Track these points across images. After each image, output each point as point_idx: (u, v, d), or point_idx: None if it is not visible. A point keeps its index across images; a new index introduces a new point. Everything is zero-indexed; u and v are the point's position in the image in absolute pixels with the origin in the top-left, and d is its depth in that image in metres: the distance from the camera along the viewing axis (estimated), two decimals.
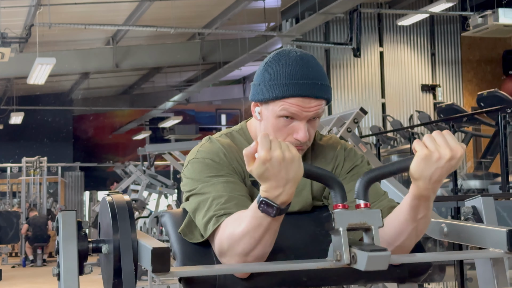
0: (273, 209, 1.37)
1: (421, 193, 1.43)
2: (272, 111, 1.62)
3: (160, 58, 13.39)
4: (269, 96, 1.61)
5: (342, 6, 9.38)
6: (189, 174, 1.66)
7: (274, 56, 1.65)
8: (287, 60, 1.61)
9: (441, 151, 1.38)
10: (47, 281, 9.91)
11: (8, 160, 16.55)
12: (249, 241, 1.44)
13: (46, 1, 9.31)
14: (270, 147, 1.32)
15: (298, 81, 1.58)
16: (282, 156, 1.32)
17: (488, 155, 7.47)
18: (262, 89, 1.63)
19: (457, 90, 12.62)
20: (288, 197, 1.37)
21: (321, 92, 1.61)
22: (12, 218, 10.54)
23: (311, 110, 1.60)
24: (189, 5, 10.91)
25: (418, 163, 1.39)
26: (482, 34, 9.67)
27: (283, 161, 1.32)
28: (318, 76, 1.61)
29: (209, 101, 20.45)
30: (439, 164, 1.38)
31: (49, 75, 10.74)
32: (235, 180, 1.63)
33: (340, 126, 4.86)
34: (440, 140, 1.40)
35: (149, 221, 9.86)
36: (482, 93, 7.20)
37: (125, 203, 1.50)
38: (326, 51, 11.72)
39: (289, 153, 1.33)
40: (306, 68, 1.60)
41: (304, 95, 1.58)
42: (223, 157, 1.66)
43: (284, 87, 1.59)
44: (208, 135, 1.76)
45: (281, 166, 1.32)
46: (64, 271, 1.41)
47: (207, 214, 1.57)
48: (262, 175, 1.34)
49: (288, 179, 1.34)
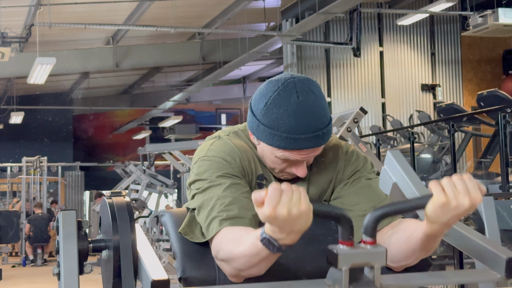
0: (274, 248, 1.34)
1: (435, 234, 1.40)
2: (271, 151, 1.62)
3: (160, 58, 13.40)
4: (268, 143, 1.61)
5: (342, 6, 9.38)
6: (197, 171, 1.65)
7: (275, 97, 1.59)
8: (288, 107, 1.57)
9: (460, 199, 1.29)
10: (47, 280, 9.91)
11: (8, 159, 16.54)
12: (245, 264, 1.45)
13: (46, 1, 9.31)
14: (279, 201, 1.24)
15: (300, 136, 1.56)
16: (288, 214, 1.24)
17: (488, 155, 7.47)
18: (261, 131, 1.61)
19: (457, 89, 12.62)
20: (291, 242, 1.34)
21: (322, 141, 1.61)
22: (12, 217, 10.55)
23: (311, 155, 1.62)
24: (189, 5, 10.91)
25: (435, 209, 1.31)
26: (482, 34, 9.67)
27: (288, 218, 1.26)
28: (319, 124, 1.58)
29: (209, 101, 20.45)
30: (456, 212, 1.30)
31: (49, 75, 10.74)
32: (242, 182, 1.63)
33: (340, 125, 4.86)
34: (460, 186, 1.30)
35: (149, 221, 9.86)
36: (482, 92, 7.20)
37: (125, 204, 1.50)
38: (326, 51, 11.72)
39: (297, 209, 1.25)
40: (308, 119, 1.57)
41: (305, 148, 1.59)
42: (235, 157, 1.65)
43: (285, 140, 1.57)
44: (217, 134, 1.74)
45: (287, 223, 1.27)
46: (64, 270, 1.42)
47: (210, 214, 1.56)
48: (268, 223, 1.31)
49: (293, 230, 1.30)
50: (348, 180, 1.73)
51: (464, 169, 10.32)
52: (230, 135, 1.72)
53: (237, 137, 1.72)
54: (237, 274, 1.51)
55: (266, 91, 1.61)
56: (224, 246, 1.50)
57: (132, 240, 1.44)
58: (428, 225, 1.38)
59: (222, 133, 1.74)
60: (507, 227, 5.12)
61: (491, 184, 6.64)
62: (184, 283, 1.58)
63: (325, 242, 1.40)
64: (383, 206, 1.34)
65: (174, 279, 2.21)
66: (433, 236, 1.41)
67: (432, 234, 1.40)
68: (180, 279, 1.59)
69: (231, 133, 1.74)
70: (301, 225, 1.28)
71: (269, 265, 1.47)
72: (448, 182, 1.30)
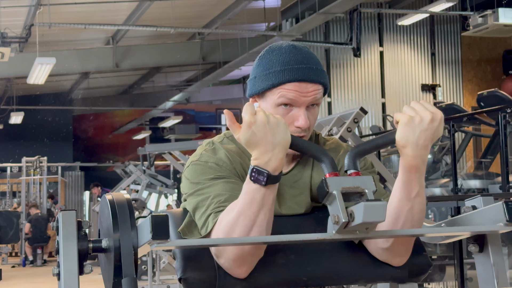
0: (264, 176, 1.38)
1: (410, 163, 1.45)
2: (271, 101, 1.63)
3: (160, 58, 13.40)
4: (266, 85, 1.63)
5: (342, 6, 9.38)
6: (189, 175, 1.65)
7: (267, 49, 1.68)
8: (280, 50, 1.65)
9: (421, 114, 1.44)
10: (47, 281, 9.91)
11: (8, 160, 16.54)
12: (244, 222, 1.44)
13: (46, 1, 9.31)
14: (255, 111, 1.38)
15: (293, 66, 1.61)
16: (267, 119, 1.38)
17: (488, 155, 7.47)
18: (258, 81, 1.65)
19: (457, 90, 12.62)
20: (278, 163, 1.40)
21: (317, 76, 1.63)
22: (12, 218, 10.56)
23: (309, 95, 1.61)
24: (189, 5, 10.92)
25: (403, 129, 1.43)
26: (482, 34, 9.67)
27: (267, 123, 1.38)
28: (312, 61, 1.65)
29: (209, 101, 20.45)
30: (422, 127, 1.43)
31: (49, 75, 10.74)
32: (236, 181, 1.63)
33: (340, 126, 4.86)
34: (419, 106, 1.46)
35: None
36: (482, 92, 7.20)
37: (125, 202, 1.50)
38: (326, 51, 11.72)
39: (274, 117, 1.39)
40: (300, 55, 1.64)
41: (300, 80, 1.60)
42: (226, 161, 1.65)
43: (279, 74, 1.61)
44: (211, 140, 1.74)
45: (266, 128, 1.37)
46: (64, 271, 1.41)
47: (206, 212, 1.56)
48: (249, 141, 1.38)
49: (275, 143, 1.38)
50: None
51: (464, 169, 10.31)
52: (224, 140, 1.72)
53: (231, 142, 1.71)
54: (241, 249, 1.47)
55: (259, 54, 1.71)
56: (221, 225, 1.49)
57: (132, 238, 1.44)
58: (403, 156, 1.46)
59: (217, 139, 1.74)
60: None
61: (491, 184, 6.65)
62: (184, 283, 1.58)
63: (325, 242, 1.40)
64: (359, 144, 1.46)
65: (174, 279, 2.21)
66: (411, 168, 1.46)
67: (409, 165, 1.46)
68: (180, 279, 1.58)
69: (225, 138, 1.73)
70: (281, 135, 1.39)
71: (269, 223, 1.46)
72: (407, 106, 1.47)
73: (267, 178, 1.38)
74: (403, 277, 1.67)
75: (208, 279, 1.57)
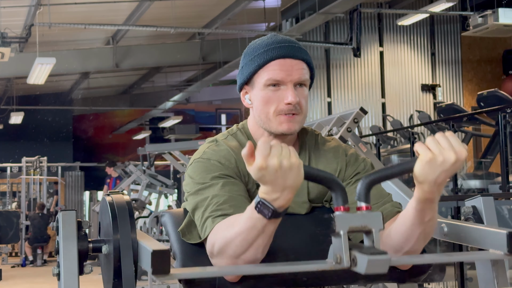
0: (269, 211, 1.35)
1: (426, 197, 1.40)
2: (259, 85, 1.66)
3: (160, 58, 13.39)
4: (252, 69, 1.67)
5: (342, 6, 9.38)
6: (192, 173, 1.66)
7: (251, 42, 1.75)
8: (262, 38, 1.73)
9: (445, 154, 1.33)
10: (47, 281, 9.91)
11: (8, 160, 16.53)
12: (241, 243, 1.42)
13: (46, 1, 9.30)
14: (269, 153, 1.28)
15: (275, 46, 1.66)
16: (279, 164, 1.28)
17: (488, 155, 7.46)
18: (244, 69, 1.70)
19: (457, 90, 12.62)
20: (285, 202, 1.35)
21: (299, 53, 1.67)
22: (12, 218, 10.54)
23: (294, 72, 1.64)
24: (189, 5, 10.91)
25: (423, 166, 1.35)
26: (482, 34, 9.66)
27: (280, 169, 1.28)
28: (293, 41, 1.70)
29: (209, 101, 20.44)
30: (443, 168, 1.34)
31: (49, 75, 10.74)
32: (236, 181, 1.62)
33: (340, 126, 4.85)
34: (444, 142, 1.35)
35: (149, 221, 9.86)
36: (482, 93, 7.20)
37: (125, 203, 1.50)
38: (326, 51, 11.71)
39: (287, 161, 1.29)
40: (281, 37, 1.70)
41: (283, 56, 1.64)
42: (230, 159, 1.65)
43: (263, 54, 1.66)
44: (215, 138, 1.74)
45: (278, 174, 1.29)
46: (64, 271, 1.41)
47: (204, 214, 1.56)
48: (259, 179, 1.32)
49: (286, 186, 1.31)
50: (350, 180, 1.73)
51: (464, 169, 10.31)
52: (228, 138, 1.73)
53: (235, 139, 1.72)
54: (234, 263, 1.48)
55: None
56: (218, 235, 1.49)
57: (132, 238, 1.44)
58: (418, 188, 1.39)
59: (220, 136, 1.75)
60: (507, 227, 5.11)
61: (491, 184, 6.65)
62: (184, 284, 1.58)
63: (325, 243, 1.40)
64: (374, 172, 1.38)
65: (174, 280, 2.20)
66: (426, 200, 1.41)
67: (424, 198, 1.40)
68: (180, 280, 1.58)
69: (229, 136, 1.74)
70: (292, 179, 1.31)
71: (265, 247, 1.45)
72: (432, 140, 1.36)
73: (271, 214, 1.35)
74: (403, 277, 1.67)
75: (208, 279, 1.57)
